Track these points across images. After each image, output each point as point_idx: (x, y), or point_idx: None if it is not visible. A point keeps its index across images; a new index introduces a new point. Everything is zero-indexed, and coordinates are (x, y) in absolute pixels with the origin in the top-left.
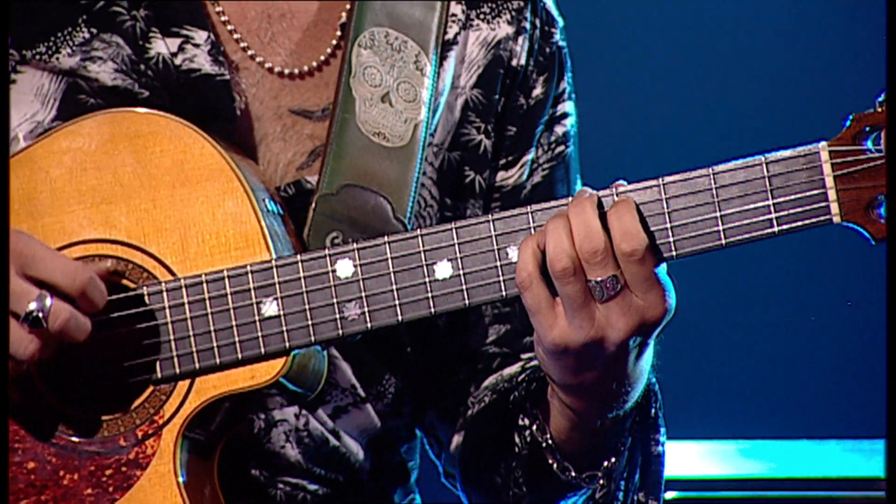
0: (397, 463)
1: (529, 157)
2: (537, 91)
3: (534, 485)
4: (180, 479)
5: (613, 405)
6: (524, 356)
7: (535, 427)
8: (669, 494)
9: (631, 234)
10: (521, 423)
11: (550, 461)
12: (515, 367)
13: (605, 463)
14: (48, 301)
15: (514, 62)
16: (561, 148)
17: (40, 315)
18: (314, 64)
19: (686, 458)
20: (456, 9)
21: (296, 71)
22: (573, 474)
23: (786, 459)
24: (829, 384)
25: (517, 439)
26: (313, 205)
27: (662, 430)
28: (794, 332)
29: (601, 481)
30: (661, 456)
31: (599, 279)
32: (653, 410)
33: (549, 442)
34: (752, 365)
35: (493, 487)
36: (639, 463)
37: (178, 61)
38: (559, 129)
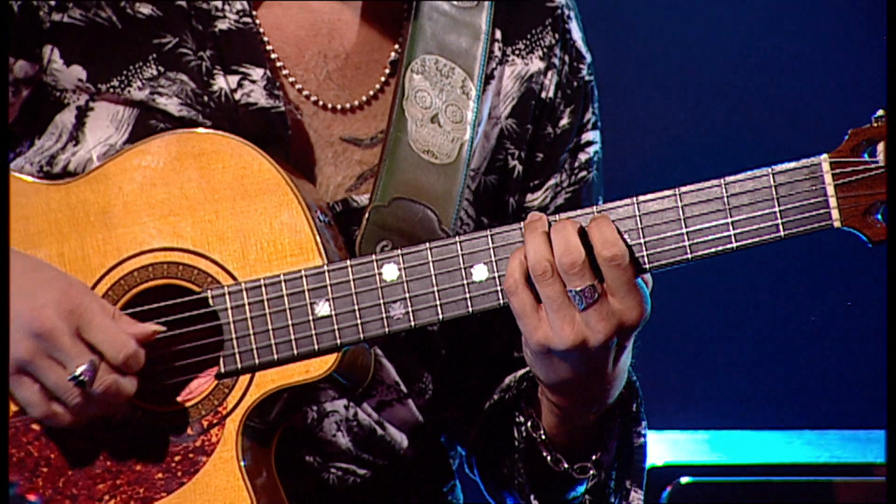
0: (438, 451)
1: (554, 181)
2: (564, 121)
3: (532, 475)
4: (242, 464)
5: (596, 402)
6: None
7: (529, 424)
8: (683, 479)
9: (611, 242)
10: (517, 419)
11: (545, 454)
12: (522, 372)
13: (594, 455)
14: (95, 364)
15: (543, 94)
16: (583, 173)
17: (85, 379)
18: (364, 98)
19: (698, 447)
20: (493, 46)
21: (347, 105)
22: (565, 466)
23: (788, 447)
24: (828, 379)
25: (516, 434)
26: (367, 215)
27: (644, 422)
28: (797, 332)
29: (591, 472)
30: (642, 447)
31: (578, 289)
32: (634, 405)
33: (543, 437)
34: (759, 364)
35: (501, 477)
36: (624, 454)
37: (237, 96)
38: (582, 157)
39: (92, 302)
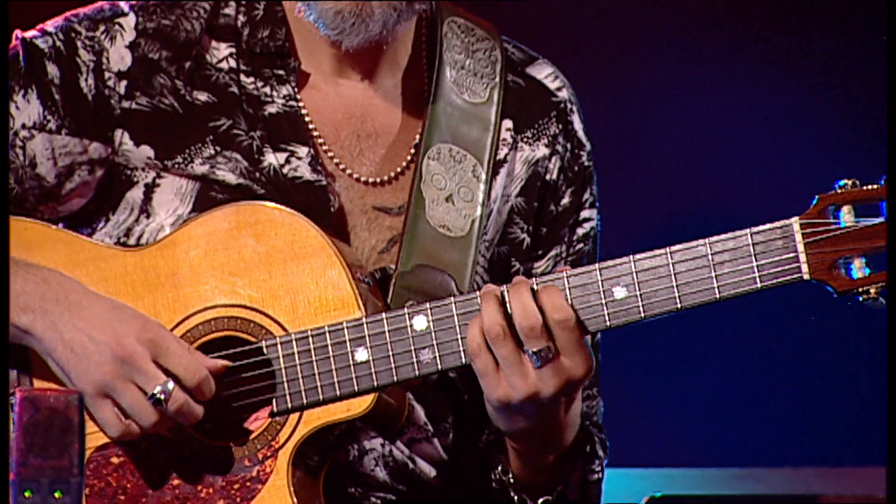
0: (461, 481)
1: (555, 251)
2: (565, 200)
3: None
4: (292, 491)
5: (552, 445)
6: None
7: (499, 468)
8: None
9: (560, 307)
10: (492, 463)
11: (513, 494)
12: None
13: (556, 489)
14: (170, 386)
15: (548, 177)
16: (580, 246)
17: (162, 397)
18: (392, 174)
19: (690, 481)
20: (506, 134)
21: (378, 179)
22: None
23: (770, 481)
24: (804, 420)
25: (492, 475)
26: (393, 280)
27: (597, 460)
28: (779, 378)
29: None
30: (599, 481)
31: (535, 349)
32: (588, 447)
33: (511, 480)
34: (744, 409)
35: None
36: (581, 488)
37: (285, 171)
38: (580, 231)
39: (168, 334)
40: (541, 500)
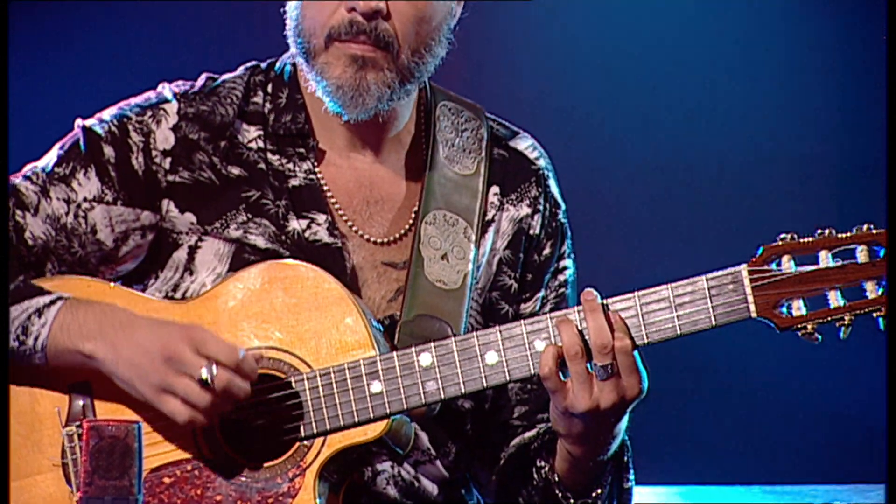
0: (460, 498)
1: (540, 294)
2: (546, 251)
3: None
4: (318, 502)
5: (599, 451)
6: (539, 426)
7: (546, 468)
8: None
9: (622, 335)
10: (538, 464)
11: (557, 492)
12: (532, 432)
13: (594, 493)
14: (214, 368)
15: (531, 231)
16: (562, 290)
17: (207, 377)
18: (398, 234)
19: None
20: (493, 198)
21: (386, 239)
22: (572, 501)
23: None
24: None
25: (535, 475)
26: (398, 328)
27: (631, 471)
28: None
29: None
30: (629, 489)
31: (603, 364)
32: (625, 458)
33: (556, 479)
34: (717, 429)
35: None
36: (615, 494)
37: (306, 235)
38: (561, 277)
39: (203, 330)
40: (580, 501)
